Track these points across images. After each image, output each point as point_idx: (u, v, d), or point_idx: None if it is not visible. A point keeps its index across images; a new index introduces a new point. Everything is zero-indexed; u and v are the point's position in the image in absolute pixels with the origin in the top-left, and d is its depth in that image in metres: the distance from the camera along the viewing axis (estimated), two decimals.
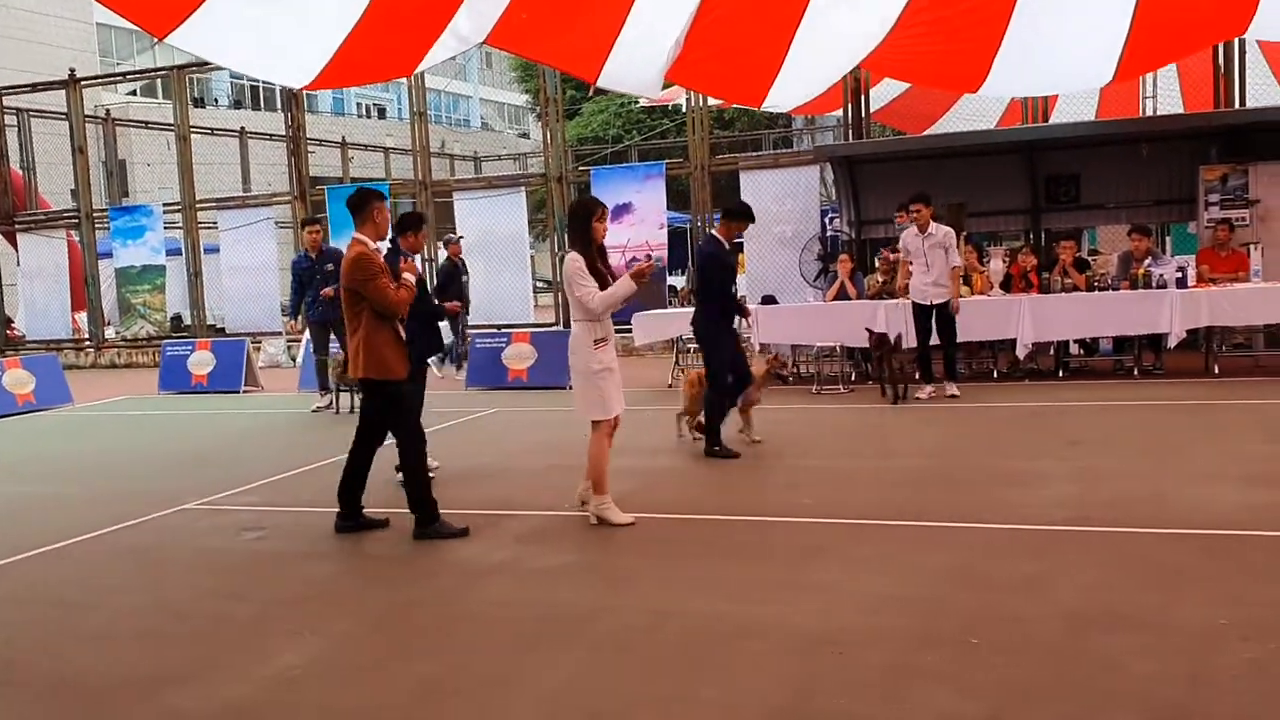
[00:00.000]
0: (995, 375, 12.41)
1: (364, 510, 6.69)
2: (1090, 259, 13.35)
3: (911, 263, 10.94)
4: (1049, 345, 12.27)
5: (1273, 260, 12.30)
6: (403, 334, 6.51)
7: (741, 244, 16.11)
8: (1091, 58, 11.01)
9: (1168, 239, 16.86)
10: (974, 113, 17.35)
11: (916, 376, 11.16)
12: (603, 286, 6.27)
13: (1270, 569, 5.02)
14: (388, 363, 6.38)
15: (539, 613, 4.98)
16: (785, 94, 12.13)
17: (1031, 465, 7.54)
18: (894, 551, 5.67)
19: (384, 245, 6.97)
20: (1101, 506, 6.29)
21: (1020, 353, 11.74)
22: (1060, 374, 12.17)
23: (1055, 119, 16.70)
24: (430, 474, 6.93)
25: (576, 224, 6.39)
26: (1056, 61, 11.32)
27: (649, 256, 20.17)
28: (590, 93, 29.85)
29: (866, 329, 11.31)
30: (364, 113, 51.24)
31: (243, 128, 30.51)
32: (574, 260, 6.31)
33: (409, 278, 6.59)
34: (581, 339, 6.36)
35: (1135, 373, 11.84)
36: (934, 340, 10.89)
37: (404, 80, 22.73)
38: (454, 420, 11.01)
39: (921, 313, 10.85)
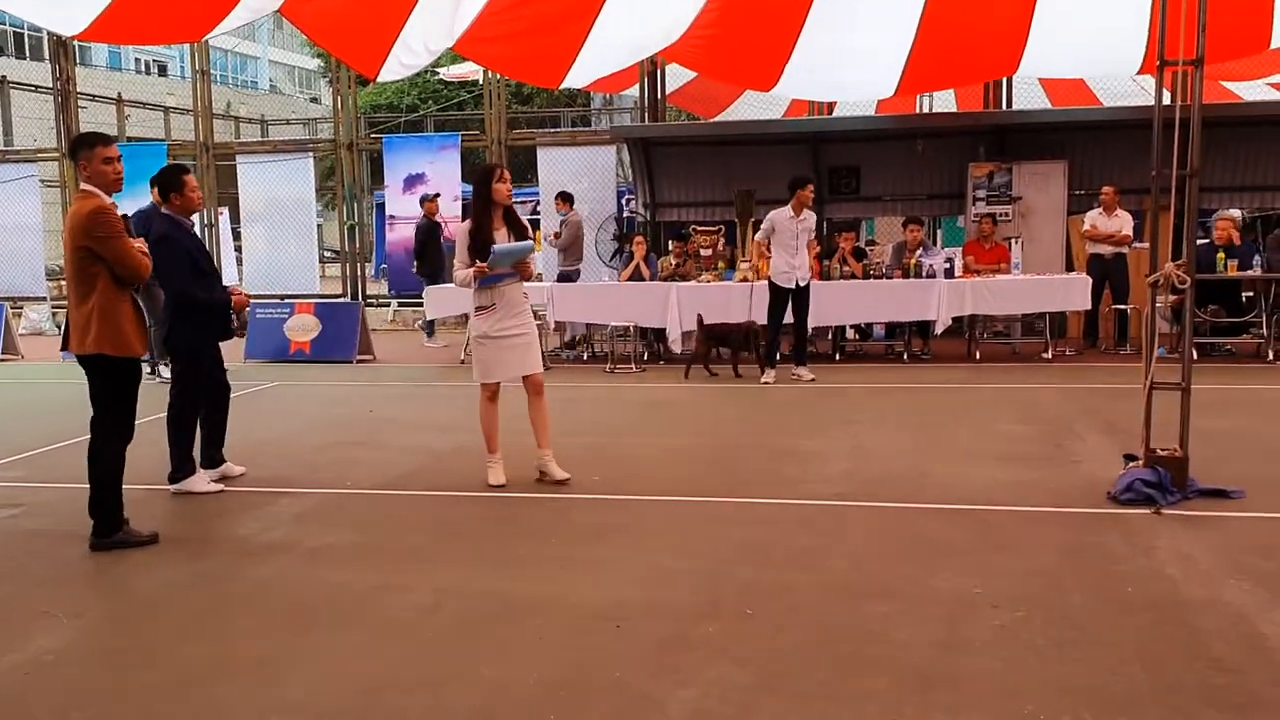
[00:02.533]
0: (778, 357, 12.82)
1: None
2: (867, 248, 13.95)
3: (770, 245, 10.77)
4: (827, 329, 12.74)
5: (1032, 254, 13.20)
6: (141, 306, 5.71)
7: (538, 221, 16.08)
8: (875, 73, 11.57)
9: (939, 231, 17.81)
10: (763, 101, 17.77)
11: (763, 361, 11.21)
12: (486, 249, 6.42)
13: (1019, 541, 5.39)
14: (127, 337, 5.50)
15: (316, 593, 4.87)
16: (580, 73, 12.19)
17: (809, 443, 7.85)
18: (679, 527, 5.81)
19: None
20: (870, 483, 6.62)
21: None
22: (837, 357, 12.67)
23: (838, 113, 17.30)
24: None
25: (478, 190, 6.60)
26: (843, 71, 11.82)
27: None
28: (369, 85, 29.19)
29: (699, 315, 11.54)
30: (143, 69, 48.35)
31: (4, 76, 28.31)
32: (461, 228, 6.72)
33: (143, 244, 5.71)
34: (473, 304, 6.70)
35: (905, 357, 12.43)
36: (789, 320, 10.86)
37: None
38: (232, 394, 10.57)
39: (783, 296, 10.76)
